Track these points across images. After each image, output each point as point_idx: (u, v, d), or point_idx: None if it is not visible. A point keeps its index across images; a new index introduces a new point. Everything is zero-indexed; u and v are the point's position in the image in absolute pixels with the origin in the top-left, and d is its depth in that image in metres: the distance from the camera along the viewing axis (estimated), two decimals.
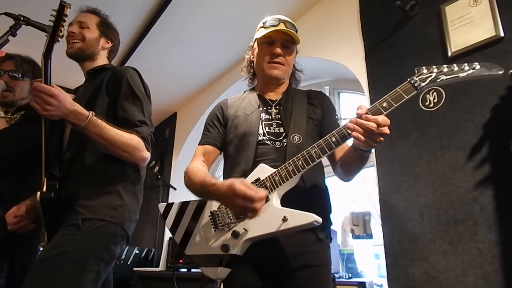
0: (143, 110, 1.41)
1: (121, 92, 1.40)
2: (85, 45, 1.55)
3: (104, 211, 1.27)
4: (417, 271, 1.67)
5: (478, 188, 1.54)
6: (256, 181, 1.15)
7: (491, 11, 1.63)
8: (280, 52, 1.34)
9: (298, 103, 1.37)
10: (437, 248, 1.62)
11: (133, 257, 3.46)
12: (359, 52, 2.28)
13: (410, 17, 1.96)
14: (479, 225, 1.51)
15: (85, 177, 1.33)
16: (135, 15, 2.91)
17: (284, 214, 1.05)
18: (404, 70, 1.94)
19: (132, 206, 1.38)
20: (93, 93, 1.44)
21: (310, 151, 1.10)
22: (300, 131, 1.27)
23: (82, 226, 1.21)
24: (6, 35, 1.44)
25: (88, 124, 1.22)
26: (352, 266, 2.51)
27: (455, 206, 1.60)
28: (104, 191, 1.31)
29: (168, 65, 3.59)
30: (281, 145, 1.27)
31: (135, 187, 1.42)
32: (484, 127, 1.57)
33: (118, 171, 1.37)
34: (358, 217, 2.66)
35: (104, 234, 1.25)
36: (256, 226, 1.09)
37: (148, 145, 1.38)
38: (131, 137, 1.31)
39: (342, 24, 2.51)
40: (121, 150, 1.30)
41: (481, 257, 1.48)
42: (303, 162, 1.10)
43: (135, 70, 1.50)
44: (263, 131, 1.30)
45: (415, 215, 1.73)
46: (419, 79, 1.05)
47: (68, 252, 1.17)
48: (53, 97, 1.17)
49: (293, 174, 1.10)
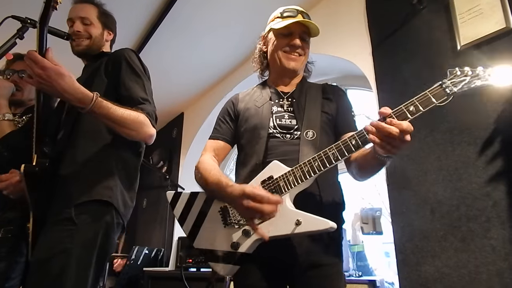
0: (144, 88, 1.39)
1: (122, 71, 1.37)
2: (91, 42, 1.54)
3: (101, 192, 1.23)
4: (428, 268, 1.64)
5: (491, 184, 1.51)
6: (269, 179, 1.12)
7: (501, 2, 1.59)
8: (299, 43, 1.32)
9: (312, 96, 1.33)
10: (449, 245, 1.59)
11: (143, 257, 3.48)
12: (366, 48, 2.25)
13: (417, 10, 1.93)
14: (492, 221, 1.48)
15: (78, 157, 1.28)
16: (141, 17, 2.91)
17: (298, 217, 1.03)
18: (412, 65, 1.91)
19: (126, 189, 1.35)
20: (91, 75, 1.42)
21: (328, 153, 1.05)
22: (314, 126, 1.22)
23: (77, 219, 1.17)
24: (14, 38, 1.45)
25: (94, 106, 1.16)
26: (362, 264, 2.48)
27: (467, 202, 1.57)
28: (99, 171, 1.27)
29: (173, 66, 3.60)
30: (292, 137, 1.23)
31: (129, 171, 1.39)
32: (496, 122, 1.54)
33: (113, 153, 1.34)
34: (368, 214, 2.63)
35: (101, 223, 1.22)
36: (272, 226, 1.06)
37: (154, 122, 1.35)
38: (137, 114, 1.28)
39: (348, 20, 2.48)
40: (129, 129, 1.26)
41: (495, 254, 1.45)
42: (319, 164, 1.05)
43: (133, 51, 1.47)
44: (273, 124, 1.27)
45: (426, 211, 1.70)
46: (451, 82, 0.93)
47: (69, 248, 1.13)
48: (43, 69, 1.07)
49: (309, 175, 1.06)
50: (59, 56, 1.15)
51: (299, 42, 1.32)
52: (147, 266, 3.44)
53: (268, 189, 1.11)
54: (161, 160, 4.45)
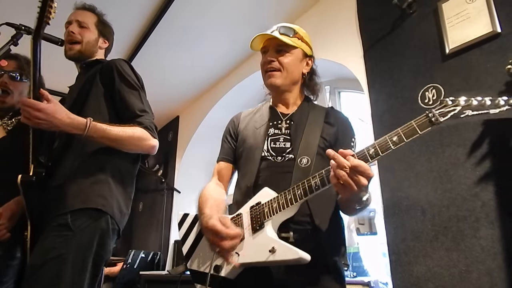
0: (141, 98, 1.42)
1: (115, 83, 1.40)
2: (84, 47, 1.55)
3: (95, 200, 1.25)
4: (420, 268, 1.67)
5: (479, 185, 1.54)
6: (257, 204, 1.11)
7: (488, 7, 1.63)
8: (270, 58, 1.27)
9: (313, 120, 1.26)
10: (440, 245, 1.62)
11: (139, 261, 3.48)
12: (357, 51, 2.28)
13: (407, 15, 1.97)
14: (481, 221, 1.51)
15: (75, 166, 1.31)
16: (135, 21, 2.93)
17: (272, 244, 0.99)
18: (402, 68, 1.94)
19: (121, 197, 1.36)
20: (86, 83, 1.44)
21: (311, 181, 1.00)
22: (310, 152, 1.16)
23: (73, 226, 1.18)
24: (8, 45, 1.47)
25: (89, 131, 1.23)
26: (357, 265, 2.51)
27: (456, 203, 1.60)
28: (94, 180, 1.28)
29: (169, 69, 3.61)
30: (283, 160, 1.19)
31: (124, 179, 1.40)
32: (484, 123, 1.57)
33: (108, 162, 1.35)
34: (364, 215, 2.65)
35: (96, 229, 1.23)
36: (247, 253, 1.05)
37: (153, 133, 1.39)
38: (133, 130, 1.32)
39: (340, 24, 2.52)
40: (127, 145, 1.32)
41: (484, 253, 1.47)
42: (302, 192, 1.01)
43: (125, 61, 1.49)
44: (267, 147, 1.23)
45: (417, 212, 1.73)
46: (438, 112, 0.88)
47: (64, 254, 1.14)
48: (39, 111, 1.14)
49: (291, 203, 1.03)
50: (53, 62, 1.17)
51: (269, 58, 1.27)
52: (144, 270, 3.44)
53: (254, 214, 1.10)
54: (157, 164, 4.46)
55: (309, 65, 1.36)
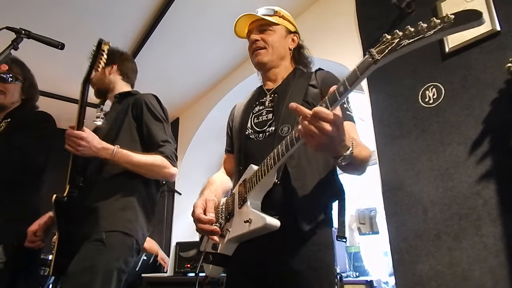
0: (164, 130, 1.60)
1: (144, 116, 1.59)
2: (97, 85, 1.74)
3: (123, 225, 1.44)
4: (423, 267, 1.67)
5: (481, 182, 1.54)
6: (243, 181, 1.14)
7: (487, 6, 1.64)
8: (254, 38, 1.30)
9: (297, 86, 1.23)
10: (442, 244, 1.62)
11: (141, 263, 3.47)
12: (357, 50, 2.29)
13: (406, 14, 1.97)
14: (483, 219, 1.51)
15: (107, 190, 1.49)
16: (134, 23, 2.93)
17: (249, 216, 1.01)
18: (402, 67, 1.94)
19: (144, 220, 1.53)
20: (120, 115, 1.63)
21: (284, 142, 0.96)
22: (290, 120, 1.11)
23: (106, 242, 1.37)
24: (9, 49, 1.47)
25: (115, 156, 1.45)
26: (359, 264, 2.51)
27: (458, 201, 1.60)
28: (123, 206, 1.48)
29: (168, 71, 3.62)
30: (264, 136, 1.18)
31: (147, 205, 1.58)
32: (484, 121, 1.57)
33: (135, 188, 1.53)
34: (364, 214, 2.65)
35: (123, 247, 1.42)
36: (234, 228, 1.09)
37: (173, 161, 1.55)
38: (154, 158, 1.50)
39: (339, 23, 2.52)
40: (149, 171, 1.51)
41: (486, 251, 1.48)
42: (275, 156, 0.98)
43: (154, 96, 1.68)
44: (250, 124, 1.25)
45: (419, 211, 1.73)
46: (377, 50, 0.80)
47: (96, 265, 1.33)
48: (82, 139, 1.39)
49: (268, 170, 1.00)
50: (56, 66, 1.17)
51: (253, 37, 1.30)
52: (146, 272, 3.43)
53: (240, 191, 1.13)
54: None
55: (295, 41, 1.37)
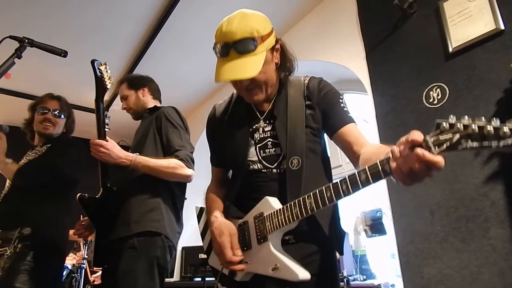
0: (180, 136, 1.75)
1: (163, 126, 1.76)
2: (134, 109, 2.00)
3: (151, 225, 1.59)
4: (431, 270, 1.65)
5: (488, 184, 1.52)
6: (260, 215, 1.06)
7: (490, 4, 1.62)
8: (244, 84, 1.11)
9: (294, 106, 1.14)
10: (450, 246, 1.60)
11: None
12: (359, 52, 2.28)
13: (408, 15, 1.96)
14: (491, 221, 1.49)
15: (135, 191, 1.67)
16: (137, 29, 2.95)
17: (276, 262, 0.99)
18: (405, 68, 1.93)
19: (171, 218, 1.69)
20: (147, 128, 1.82)
21: (324, 194, 0.90)
22: (298, 151, 1.07)
23: (138, 246, 1.55)
24: (12, 58, 1.49)
25: (134, 162, 1.62)
26: (366, 267, 2.48)
27: (465, 203, 1.58)
28: (150, 207, 1.63)
29: (171, 76, 3.62)
30: (279, 171, 1.10)
31: (175, 203, 1.74)
32: None
33: (163, 188, 1.68)
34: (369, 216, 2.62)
35: (155, 246, 1.58)
36: (253, 263, 1.06)
37: (189, 164, 1.67)
38: (169, 161, 1.64)
39: (341, 26, 2.51)
40: (164, 173, 1.64)
41: (495, 253, 1.45)
42: (313, 205, 0.93)
43: (173, 108, 1.86)
44: (258, 158, 1.14)
45: (426, 213, 1.71)
46: (433, 141, 0.69)
47: (135, 268, 1.52)
48: (102, 147, 1.56)
49: (296, 218, 0.97)
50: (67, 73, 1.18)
51: (243, 83, 1.11)
52: None
53: (257, 225, 1.07)
54: None
55: (278, 50, 1.15)
